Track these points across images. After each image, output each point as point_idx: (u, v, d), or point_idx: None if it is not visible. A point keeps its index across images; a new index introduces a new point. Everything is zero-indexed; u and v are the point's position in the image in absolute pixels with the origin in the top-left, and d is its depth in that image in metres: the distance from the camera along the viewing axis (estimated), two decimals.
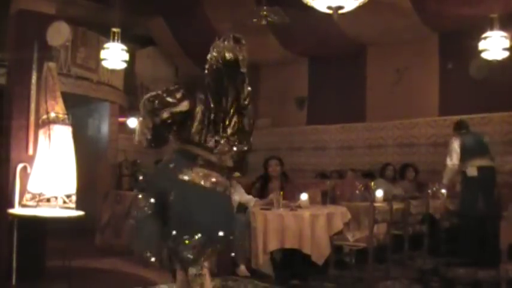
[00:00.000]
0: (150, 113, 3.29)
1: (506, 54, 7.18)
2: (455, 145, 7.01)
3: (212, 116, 3.26)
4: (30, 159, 5.49)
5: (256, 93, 11.81)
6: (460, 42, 8.40)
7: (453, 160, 6.98)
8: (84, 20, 9.40)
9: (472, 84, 8.50)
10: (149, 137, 3.34)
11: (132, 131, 12.34)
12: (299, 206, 5.82)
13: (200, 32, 9.87)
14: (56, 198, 5.31)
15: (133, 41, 10.54)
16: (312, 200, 6.05)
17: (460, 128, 7.24)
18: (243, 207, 5.93)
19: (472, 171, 6.84)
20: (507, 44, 7.12)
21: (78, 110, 9.02)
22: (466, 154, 6.93)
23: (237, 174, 3.52)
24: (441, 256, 6.91)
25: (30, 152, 5.56)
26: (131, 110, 12.04)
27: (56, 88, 5.59)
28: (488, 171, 6.85)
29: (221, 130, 3.28)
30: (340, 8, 4.50)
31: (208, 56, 3.41)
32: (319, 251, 5.47)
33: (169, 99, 3.26)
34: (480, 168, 6.80)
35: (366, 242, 5.58)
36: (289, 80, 11.61)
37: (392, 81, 9.81)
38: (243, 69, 3.33)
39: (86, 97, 9.43)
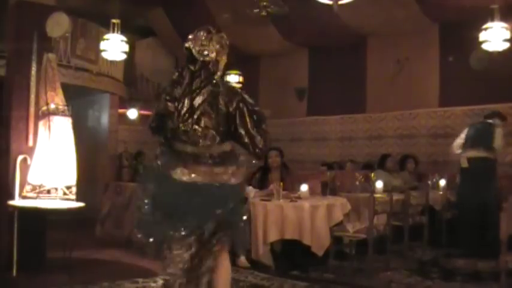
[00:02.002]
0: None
1: (507, 45, 7.14)
2: (462, 133, 7.01)
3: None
4: (30, 151, 5.49)
5: (256, 84, 11.84)
6: (460, 33, 8.37)
7: (456, 142, 6.97)
8: (84, 11, 9.36)
9: (472, 75, 8.47)
10: (153, 124, 3.39)
11: (133, 122, 12.45)
12: (299, 197, 5.83)
13: (200, 22, 9.72)
14: (56, 189, 5.31)
15: (133, 32, 10.51)
16: (312, 191, 6.06)
17: (488, 116, 7.10)
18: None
19: (463, 162, 6.86)
20: (508, 35, 7.08)
21: (78, 101, 9.00)
22: (465, 145, 6.94)
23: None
24: (441, 247, 6.93)
25: (30, 143, 5.55)
26: (131, 101, 12.06)
27: (55, 79, 5.58)
28: (481, 162, 6.77)
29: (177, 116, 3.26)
30: None
31: None
32: (319, 241, 5.48)
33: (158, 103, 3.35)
34: (471, 160, 6.78)
35: (366, 233, 5.60)
36: (289, 71, 11.58)
37: (392, 72, 9.78)
38: (200, 58, 3.30)
39: (86, 88, 9.44)
